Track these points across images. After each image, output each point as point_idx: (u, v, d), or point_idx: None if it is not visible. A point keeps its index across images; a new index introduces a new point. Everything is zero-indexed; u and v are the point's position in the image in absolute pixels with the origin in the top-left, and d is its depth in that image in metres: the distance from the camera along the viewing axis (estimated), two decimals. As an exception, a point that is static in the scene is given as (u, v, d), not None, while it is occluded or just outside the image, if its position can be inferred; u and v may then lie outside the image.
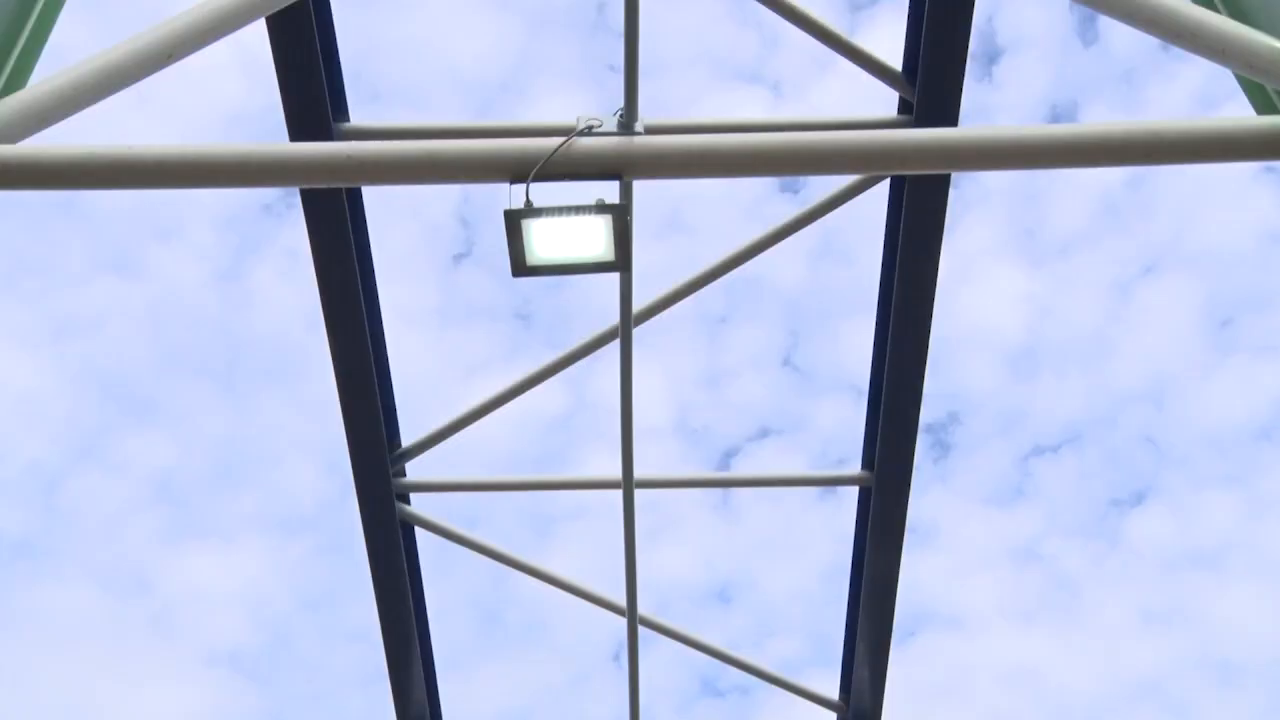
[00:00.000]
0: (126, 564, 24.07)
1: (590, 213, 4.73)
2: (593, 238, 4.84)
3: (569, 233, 4.80)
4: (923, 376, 7.51)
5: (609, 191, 4.76)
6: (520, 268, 4.85)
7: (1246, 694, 22.75)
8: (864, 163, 4.86)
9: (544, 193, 4.63)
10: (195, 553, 24.33)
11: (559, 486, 8.40)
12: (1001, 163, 4.68)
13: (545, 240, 4.79)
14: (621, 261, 4.92)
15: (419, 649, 9.13)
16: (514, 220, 4.68)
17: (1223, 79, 5.18)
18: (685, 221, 15.65)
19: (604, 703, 9.48)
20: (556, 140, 4.60)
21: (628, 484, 7.23)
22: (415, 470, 8.29)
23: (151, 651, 24.46)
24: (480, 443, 9.21)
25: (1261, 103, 4.83)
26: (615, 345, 7.12)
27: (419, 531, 8.60)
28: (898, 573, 8.38)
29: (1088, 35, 19.42)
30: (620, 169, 4.63)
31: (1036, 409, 22.77)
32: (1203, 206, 20.85)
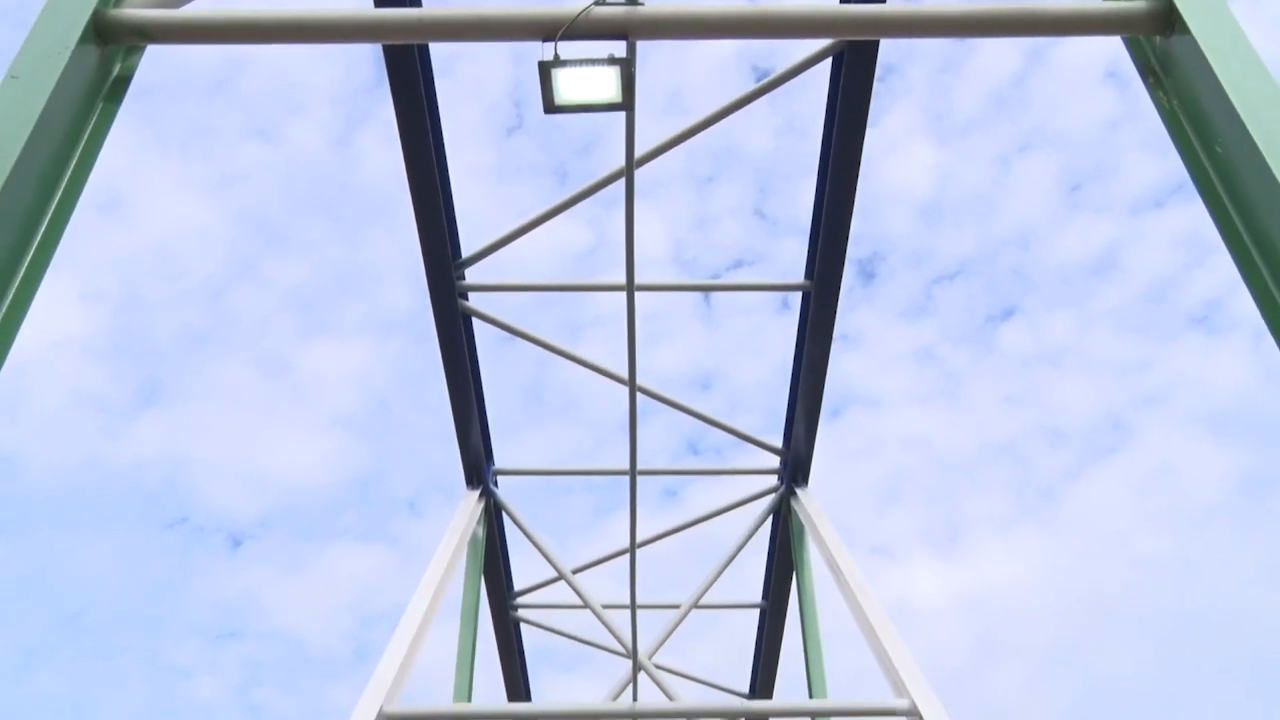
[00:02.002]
0: (273, 352, 25.63)
1: (603, 64, 4.74)
2: (605, 84, 4.87)
3: (587, 80, 4.83)
4: (852, 206, 7.55)
5: (618, 49, 4.77)
6: (550, 107, 4.89)
7: (1070, 451, 26.27)
8: (812, 28, 4.84)
9: (569, 49, 4.66)
10: (321, 345, 25.78)
11: (580, 288, 8.52)
12: (910, 31, 4.71)
13: (569, 86, 4.83)
14: (627, 103, 4.97)
15: (477, 413, 9.43)
16: (545, 70, 4.72)
17: None
18: (682, 105, 15.69)
19: (617, 459, 9.81)
20: (579, 8, 4.63)
21: (630, 284, 7.36)
22: (473, 276, 8.44)
23: (292, 416, 26.01)
24: (525, 269, 9.34)
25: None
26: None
27: (476, 323, 8.80)
28: (828, 356, 8.57)
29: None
30: (627, 30, 4.65)
31: (938, 248, 23.57)
32: (1063, 100, 21.39)
